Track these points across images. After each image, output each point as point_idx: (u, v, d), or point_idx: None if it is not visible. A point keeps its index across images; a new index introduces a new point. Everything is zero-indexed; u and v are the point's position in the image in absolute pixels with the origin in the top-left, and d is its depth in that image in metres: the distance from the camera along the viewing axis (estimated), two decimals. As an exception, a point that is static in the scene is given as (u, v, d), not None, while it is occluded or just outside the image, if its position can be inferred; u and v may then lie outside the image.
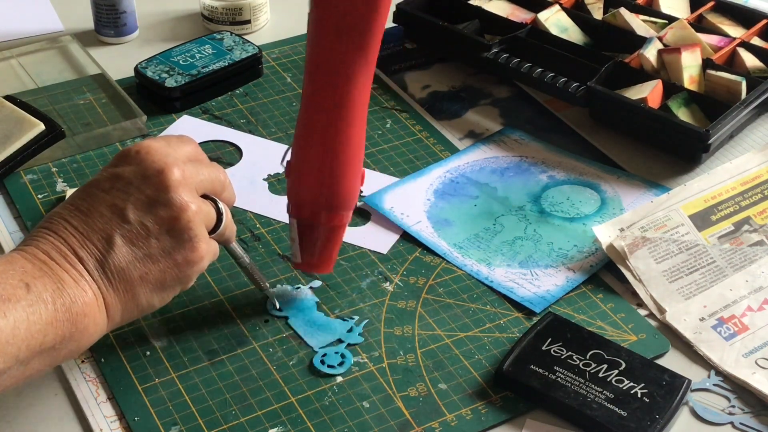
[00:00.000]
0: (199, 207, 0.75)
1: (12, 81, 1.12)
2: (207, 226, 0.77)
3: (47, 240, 0.72)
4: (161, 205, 0.74)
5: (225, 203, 0.80)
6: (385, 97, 1.12)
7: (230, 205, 0.81)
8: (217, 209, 0.78)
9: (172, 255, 0.74)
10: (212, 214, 0.78)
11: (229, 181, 0.81)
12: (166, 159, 0.75)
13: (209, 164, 0.79)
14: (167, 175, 0.74)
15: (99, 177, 0.76)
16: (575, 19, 1.16)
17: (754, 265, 0.90)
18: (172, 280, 0.75)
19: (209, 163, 0.80)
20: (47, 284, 0.70)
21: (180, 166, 0.75)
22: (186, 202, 0.74)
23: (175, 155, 0.76)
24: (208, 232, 0.77)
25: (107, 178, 0.75)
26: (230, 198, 0.81)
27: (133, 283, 0.73)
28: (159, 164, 0.74)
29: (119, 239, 0.73)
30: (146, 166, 0.74)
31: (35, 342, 0.68)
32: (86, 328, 0.71)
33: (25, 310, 0.67)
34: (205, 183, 0.77)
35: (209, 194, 0.78)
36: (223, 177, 0.80)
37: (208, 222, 0.77)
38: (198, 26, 1.24)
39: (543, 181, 1.00)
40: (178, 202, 0.74)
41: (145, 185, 0.74)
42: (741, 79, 1.04)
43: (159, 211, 0.74)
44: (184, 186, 0.75)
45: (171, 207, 0.74)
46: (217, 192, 0.79)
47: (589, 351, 0.80)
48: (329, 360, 0.82)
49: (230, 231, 0.81)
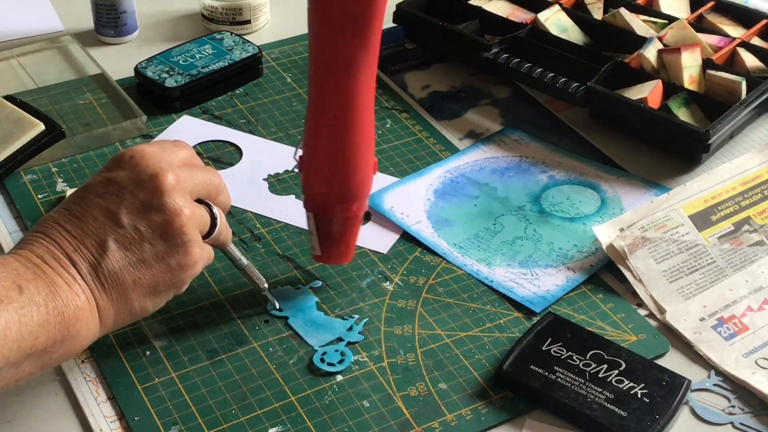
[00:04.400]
0: (192, 211, 0.75)
1: (12, 81, 1.12)
2: (201, 231, 0.77)
3: (41, 244, 0.72)
4: (155, 210, 0.74)
5: (220, 207, 0.80)
6: (385, 97, 1.12)
7: (225, 209, 0.81)
8: (212, 213, 0.78)
9: (165, 260, 0.74)
10: (206, 219, 0.77)
11: (224, 185, 0.81)
12: (160, 164, 0.75)
13: (204, 169, 0.79)
14: (161, 179, 0.74)
15: (93, 181, 0.76)
16: (575, 19, 1.16)
17: (754, 265, 0.90)
18: (165, 284, 0.75)
19: (204, 167, 0.80)
20: (40, 287, 0.70)
21: (174, 171, 0.75)
22: (179, 206, 0.74)
23: (170, 160, 0.76)
24: (203, 236, 0.77)
25: (101, 183, 0.75)
26: (225, 202, 0.81)
27: (126, 287, 0.73)
28: (153, 169, 0.74)
29: (113, 244, 0.73)
30: (140, 170, 0.74)
31: (26, 344, 0.68)
32: (78, 332, 0.71)
33: (17, 312, 0.67)
34: (199, 187, 0.77)
35: (204, 198, 0.78)
36: (218, 181, 0.80)
37: (202, 226, 0.77)
38: (198, 26, 1.24)
39: (543, 181, 1.00)
40: (171, 207, 0.74)
41: (139, 190, 0.74)
42: (741, 79, 1.04)
43: (152, 215, 0.74)
44: (178, 191, 0.75)
45: (164, 212, 0.74)
46: (212, 196, 0.79)
47: (589, 351, 0.80)
48: (329, 358, 0.82)
49: (225, 235, 0.81)
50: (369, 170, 0.81)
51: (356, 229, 0.83)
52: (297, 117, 1.09)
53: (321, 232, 0.82)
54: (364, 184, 0.81)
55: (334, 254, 0.84)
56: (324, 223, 0.82)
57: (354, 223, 0.82)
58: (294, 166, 0.98)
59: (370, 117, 0.79)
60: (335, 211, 0.81)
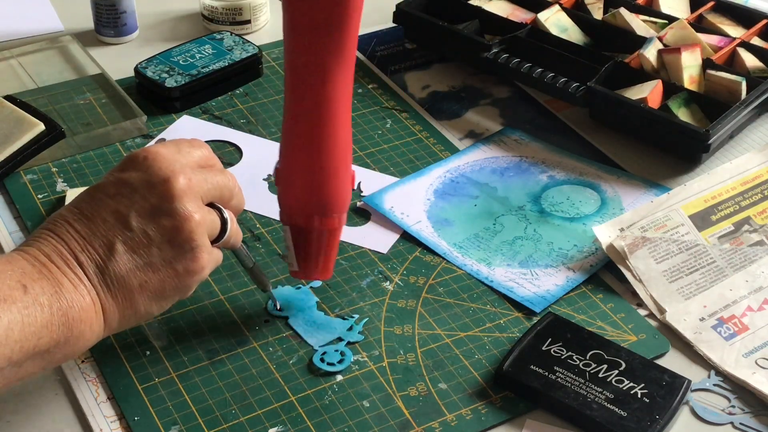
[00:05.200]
0: (202, 217, 0.74)
1: (12, 81, 1.12)
2: (211, 236, 0.76)
3: (49, 242, 0.72)
4: (164, 215, 0.73)
5: (233, 211, 0.79)
6: (385, 97, 1.12)
7: (238, 212, 0.80)
8: (222, 218, 0.77)
9: (172, 265, 0.74)
10: (216, 224, 0.77)
11: (238, 188, 0.80)
12: (173, 166, 0.74)
13: (219, 171, 0.78)
14: (172, 183, 0.73)
15: (105, 181, 0.75)
16: (575, 19, 1.16)
17: (754, 265, 0.90)
18: (171, 289, 0.75)
19: (220, 169, 0.79)
20: (45, 287, 0.69)
21: (187, 175, 0.74)
22: (190, 212, 0.73)
23: (183, 162, 0.75)
24: (212, 240, 0.77)
25: (113, 183, 0.75)
26: (238, 206, 0.80)
27: (132, 290, 0.73)
28: (165, 172, 0.74)
29: (120, 246, 0.72)
30: (152, 173, 0.74)
31: (29, 344, 0.68)
32: (82, 334, 0.71)
33: (20, 312, 0.67)
34: (212, 191, 0.76)
35: (216, 202, 0.77)
36: (231, 184, 0.78)
37: (211, 231, 0.76)
38: (198, 26, 1.24)
39: (543, 181, 1.01)
40: (181, 212, 0.73)
41: (150, 193, 0.73)
42: (741, 79, 1.04)
43: (162, 220, 0.73)
44: (189, 195, 0.74)
45: (174, 217, 0.73)
46: (225, 200, 0.78)
47: (589, 351, 0.80)
48: (329, 357, 0.82)
49: (235, 238, 0.80)
50: (347, 182, 0.79)
51: (335, 243, 0.81)
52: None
53: (299, 247, 0.80)
54: (342, 196, 0.79)
55: (312, 269, 0.81)
56: (302, 236, 0.80)
57: (333, 237, 0.80)
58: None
59: (346, 128, 0.78)
60: (314, 224, 0.79)
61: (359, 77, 1.15)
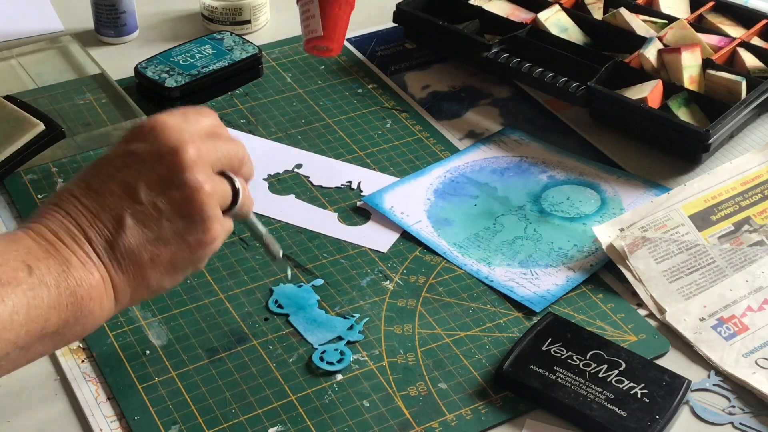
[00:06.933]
0: (213, 188, 0.72)
1: (12, 81, 1.12)
2: (222, 206, 0.73)
3: (56, 218, 0.70)
4: (174, 186, 0.70)
5: (244, 178, 0.76)
6: (385, 97, 1.12)
7: (249, 180, 0.77)
8: (233, 186, 0.74)
9: (184, 237, 0.71)
10: (228, 193, 0.74)
11: (248, 156, 0.76)
12: (181, 136, 0.71)
13: (228, 139, 0.75)
14: (181, 154, 0.70)
15: (111, 153, 0.72)
16: (575, 19, 1.16)
17: (754, 265, 0.90)
18: (183, 262, 0.72)
19: (228, 137, 0.75)
20: (52, 266, 0.67)
21: (196, 144, 0.71)
22: (200, 182, 0.70)
23: (191, 131, 0.72)
24: (224, 210, 0.74)
25: (120, 155, 0.72)
26: (249, 173, 0.77)
27: (143, 265, 0.70)
28: (174, 142, 0.71)
29: (130, 220, 0.70)
30: (160, 143, 0.71)
31: (36, 327, 0.66)
32: (92, 312, 0.69)
33: (25, 295, 0.65)
34: (222, 160, 0.73)
35: (226, 171, 0.74)
36: (242, 153, 0.75)
37: (223, 201, 0.73)
38: (198, 26, 1.24)
39: (543, 181, 1.00)
40: (192, 183, 0.70)
41: (159, 164, 0.70)
42: (741, 79, 1.04)
43: (172, 191, 0.70)
44: (199, 165, 0.71)
45: (184, 188, 0.70)
46: (235, 168, 0.75)
47: (589, 351, 0.80)
48: (328, 357, 0.81)
49: (247, 207, 0.77)
50: None
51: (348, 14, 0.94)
52: (297, 117, 1.09)
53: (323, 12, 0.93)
54: None
55: (332, 32, 0.93)
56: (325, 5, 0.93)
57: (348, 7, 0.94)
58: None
59: None
60: None
61: (359, 77, 1.15)
